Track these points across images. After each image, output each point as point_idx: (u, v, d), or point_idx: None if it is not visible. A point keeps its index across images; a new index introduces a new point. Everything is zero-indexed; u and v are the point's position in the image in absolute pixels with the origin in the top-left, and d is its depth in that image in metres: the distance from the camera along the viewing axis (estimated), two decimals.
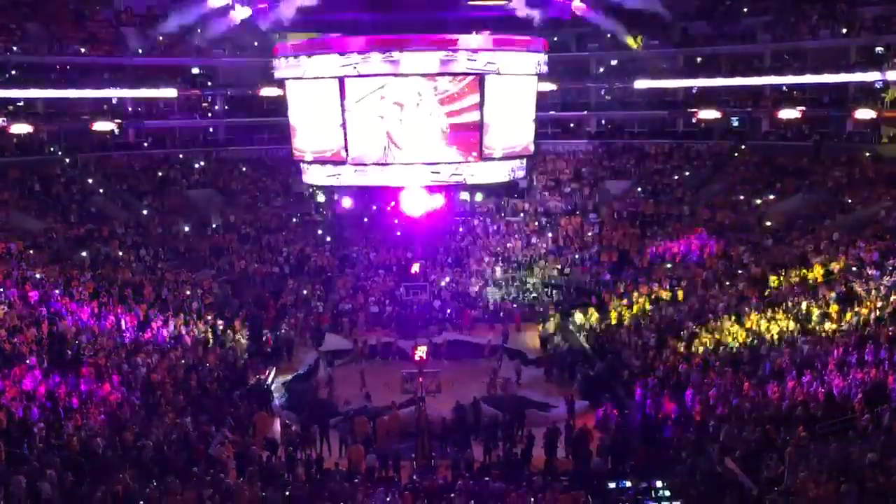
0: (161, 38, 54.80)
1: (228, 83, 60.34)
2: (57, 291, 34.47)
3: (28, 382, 25.62)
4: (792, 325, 29.78)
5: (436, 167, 28.04)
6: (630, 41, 31.27)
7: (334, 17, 29.09)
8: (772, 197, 46.85)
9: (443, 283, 45.31)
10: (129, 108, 57.32)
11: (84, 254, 40.90)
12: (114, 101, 56.53)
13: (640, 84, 57.46)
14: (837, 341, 26.94)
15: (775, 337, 29.53)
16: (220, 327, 36.72)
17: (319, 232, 52.11)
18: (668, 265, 42.16)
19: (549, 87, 52.62)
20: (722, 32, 56.43)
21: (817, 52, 51.72)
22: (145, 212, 50.45)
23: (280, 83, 30.58)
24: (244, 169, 58.67)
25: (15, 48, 51.64)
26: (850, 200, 42.04)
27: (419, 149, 27.79)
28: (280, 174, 56.76)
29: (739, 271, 37.66)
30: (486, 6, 27.63)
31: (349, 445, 26.29)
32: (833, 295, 30.61)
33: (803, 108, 51.68)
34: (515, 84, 28.57)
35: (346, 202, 32.05)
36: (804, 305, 30.86)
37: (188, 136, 60.09)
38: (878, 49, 49.27)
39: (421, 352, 32.71)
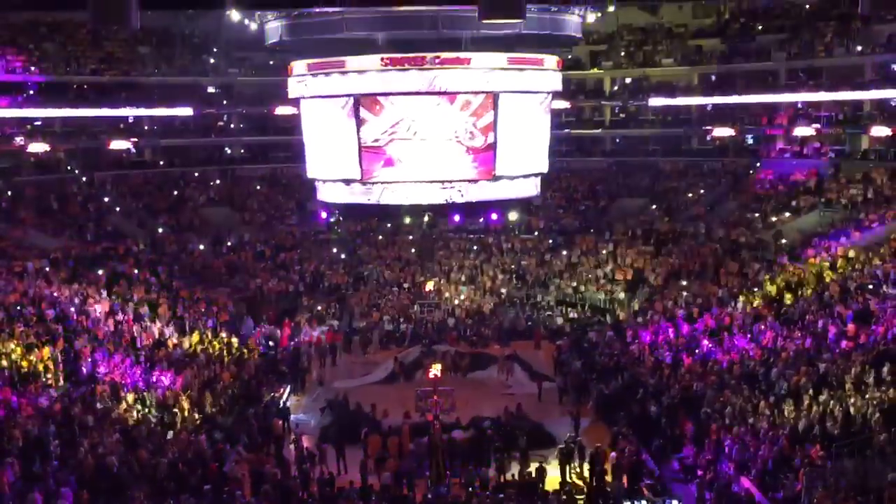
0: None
1: (244, 102, 60.67)
2: (73, 309, 34.60)
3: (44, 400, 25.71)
4: (808, 342, 29.58)
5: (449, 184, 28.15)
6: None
7: (348, 36, 29.26)
8: (787, 214, 46.69)
9: (456, 301, 45.31)
10: (146, 127, 57.66)
11: (100, 272, 41.07)
12: (130, 120, 56.90)
13: (655, 102, 57.46)
14: (854, 359, 26.75)
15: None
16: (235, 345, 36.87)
17: (334, 250, 52.23)
18: (683, 282, 42.08)
19: (563, 104, 52.70)
20: (737, 50, 56.46)
21: (832, 69, 51.63)
22: (161, 230, 50.68)
23: (295, 102, 30.76)
24: (259, 187, 58.90)
25: (33, 68, 52.09)
26: (865, 218, 41.83)
27: (435, 167, 27.90)
28: (295, 192, 56.93)
29: (755, 289, 37.47)
30: (501, 25, 27.71)
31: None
32: (849, 313, 30.41)
33: (818, 125, 51.55)
34: (529, 102, 28.64)
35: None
36: (820, 323, 30.67)
37: (204, 155, 60.39)
38: (894, 66, 49.13)
39: (435, 370, 32.62)
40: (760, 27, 56.56)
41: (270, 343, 39.29)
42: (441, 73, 26.89)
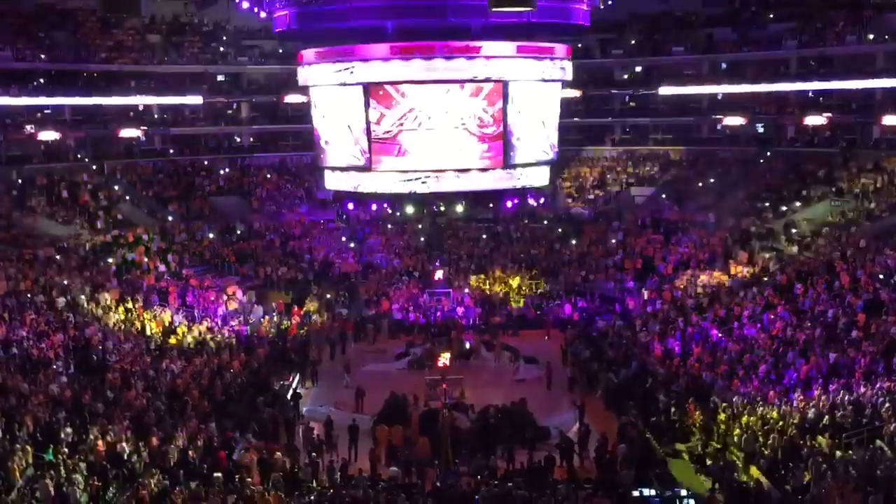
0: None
1: (253, 90, 60.69)
2: (83, 297, 34.74)
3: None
4: (818, 332, 29.52)
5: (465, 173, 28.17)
6: None
7: (358, 24, 29.20)
8: (798, 204, 46.54)
9: (466, 290, 45.31)
10: (156, 115, 57.72)
11: (110, 260, 41.19)
12: (140, 108, 56.96)
13: (665, 90, 57.24)
14: (864, 350, 26.69)
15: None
16: (247, 332, 36.99)
17: (343, 238, 52.28)
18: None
19: (573, 93, 52.54)
20: (747, 38, 56.19)
21: (844, 58, 51.35)
22: (171, 218, 50.80)
23: (304, 90, 30.73)
24: (269, 175, 58.96)
25: (43, 56, 52.12)
26: (877, 207, 41.67)
27: (445, 156, 27.88)
28: (304, 180, 56.98)
29: (765, 279, 37.38)
30: (510, 13, 27.61)
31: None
32: (860, 303, 30.33)
33: (829, 114, 51.31)
34: (539, 91, 28.56)
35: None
36: (830, 313, 30.60)
37: (213, 143, 60.43)
38: None
39: (444, 358, 32.67)
40: (772, 15, 56.25)
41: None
42: (450, 62, 26.82)
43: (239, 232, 51.32)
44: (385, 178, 29.07)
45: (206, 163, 58.51)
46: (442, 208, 46.69)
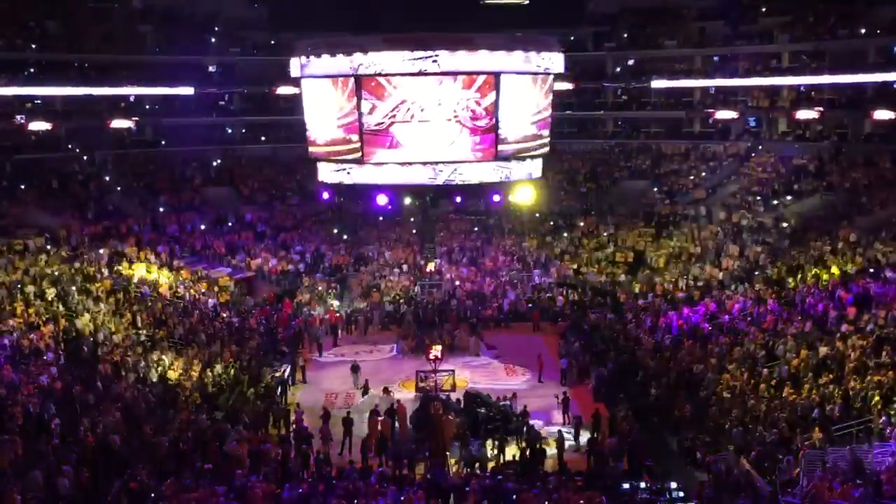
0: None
1: (245, 81, 60.47)
2: (74, 288, 34.62)
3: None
4: (808, 326, 29.59)
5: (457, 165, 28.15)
6: None
7: (351, 15, 29.12)
8: (789, 198, 46.61)
9: (458, 283, 45.29)
10: (147, 106, 57.49)
11: (101, 251, 41.07)
12: (131, 99, 56.71)
13: (657, 84, 57.24)
14: (854, 343, 26.77)
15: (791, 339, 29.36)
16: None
17: (335, 231, 52.20)
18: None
19: (565, 86, 52.49)
20: (740, 32, 56.20)
21: (835, 52, 51.39)
22: (162, 209, 50.65)
23: (296, 81, 30.62)
24: (260, 167, 58.81)
25: (34, 46, 51.85)
26: (867, 202, 41.75)
27: (435, 148, 27.83)
28: (295, 172, 56.84)
29: (756, 272, 37.46)
30: (503, 5, 27.59)
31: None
32: (850, 297, 30.42)
33: (821, 108, 51.35)
34: (531, 83, 28.52)
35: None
36: (820, 307, 30.69)
37: (205, 134, 60.17)
38: None
39: (436, 351, 32.66)
40: (764, 9, 56.26)
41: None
42: (442, 53, 26.72)
43: (230, 223, 51.22)
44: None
45: (197, 153, 58.29)
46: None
